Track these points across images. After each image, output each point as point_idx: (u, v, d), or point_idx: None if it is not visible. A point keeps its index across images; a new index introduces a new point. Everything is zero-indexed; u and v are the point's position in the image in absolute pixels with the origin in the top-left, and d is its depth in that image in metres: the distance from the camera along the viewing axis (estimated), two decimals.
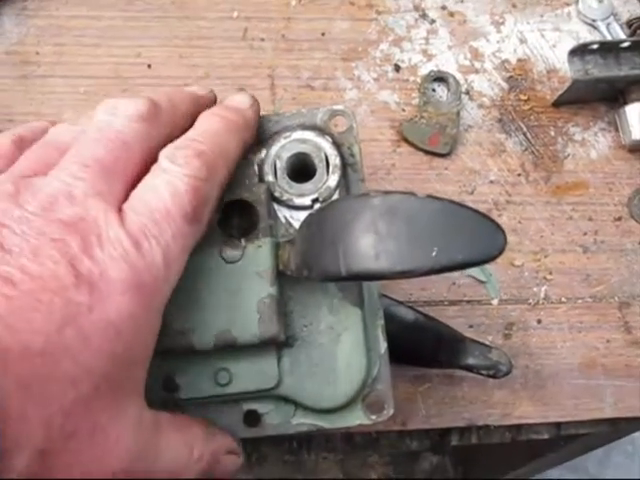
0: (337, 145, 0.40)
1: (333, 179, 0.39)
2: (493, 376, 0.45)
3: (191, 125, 0.37)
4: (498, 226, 0.30)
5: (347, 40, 0.58)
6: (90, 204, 0.30)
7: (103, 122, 0.34)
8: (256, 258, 0.36)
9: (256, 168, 0.39)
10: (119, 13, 0.56)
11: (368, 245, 0.30)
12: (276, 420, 0.38)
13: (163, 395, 0.36)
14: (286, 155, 0.39)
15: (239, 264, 0.36)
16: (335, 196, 0.39)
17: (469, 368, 0.46)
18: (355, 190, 0.40)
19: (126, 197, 0.32)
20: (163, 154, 0.33)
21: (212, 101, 0.41)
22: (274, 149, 0.40)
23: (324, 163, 0.39)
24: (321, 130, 0.40)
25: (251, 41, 0.56)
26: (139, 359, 0.31)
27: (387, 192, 0.31)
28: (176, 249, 0.31)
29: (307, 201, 0.39)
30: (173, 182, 0.32)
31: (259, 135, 0.40)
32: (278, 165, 0.39)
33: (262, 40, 0.56)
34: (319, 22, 0.58)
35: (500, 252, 0.29)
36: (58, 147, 0.35)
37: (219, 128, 0.36)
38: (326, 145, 0.40)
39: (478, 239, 0.29)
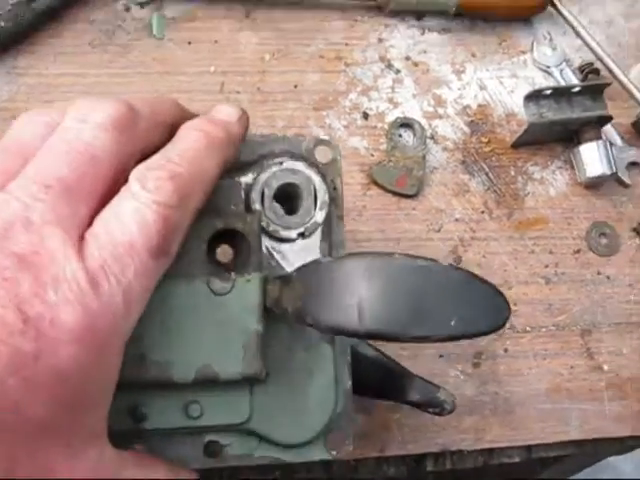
0: (325, 179, 0.39)
1: (320, 215, 0.39)
2: (438, 414, 0.47)
3: (172, 137, 0.34)
4: (506, 300, 0.32)
5: (318, 91, 0.62)
6: (48, 232, 0.28)
7: (71, 131, 0.31)
8: (245, 292, 0.35)
9: (242, 194, 0.38)
10: (104, 70, 0.59)
11: (390, 307, 0.30)
12: (238, 452, 0.37)
13: (128, 424, 0.35)
14: (276, 184, 0.38)
15: (227, 297, 0.34)
16: (318, 232, 0.39)
17: (415, 404, 0.47)
18: (335, 227, 0.40)
19: (90, 221, 0.30)
20: (134, 175, 0.31)
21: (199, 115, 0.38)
22: (264, 176, 0.39)
23: (312, 197, 0.39)
24: (308, 160, 0.40)
25: (228, 94, 0.60)
26: (93, 404, 0.29)
27: (409, 255, 0.31)
28: (138, 287, 0.29)
29: (293, 234, 0.38)
30: (141, 211, 0.29)
31: (244, 154, 0.39)
32: (266, 193, 0.38)
33: (238, 93, 0.60)
34: (292, 75, 0.62)
35: (504, 324, 0.32)
36: (21, 151, 0.31)
37: (199, 146, 0.33)
38: (316, 179, 0.39)
39: (491, 312, 0.31)
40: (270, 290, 0.35)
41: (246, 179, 0.38)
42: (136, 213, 0.29)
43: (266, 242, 0.38)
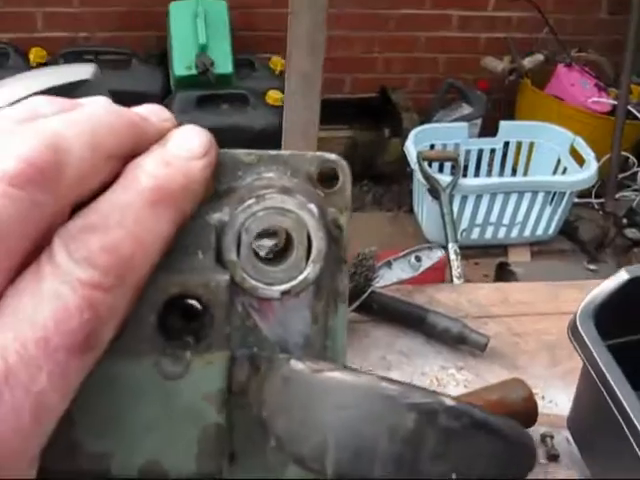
0: (324, 219, 0.29)
1: (313, 270, 0.29)
2: None
3: (118, 171, 0.26)
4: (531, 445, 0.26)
5: None
6: None
7: None
8: (203, 377, 0.28)
9: (213, 238, 0.29)
10: None
11: (367, 456, 0.24)
12: None
13: None
14: (256, 229, 0.29)
15: (180, 382, 0.28)
16: (310, 290, 0.30)
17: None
18: (333, 277, 0.31)
19: None
20: (59, 236, 0.24)
21: (163, 134, 0.29)
22: (241, 217, 0.29)
23: (304, 245, 0.29)
24: (303, 192, 0.30)
25: None
26: None
27: (403, 387, 0.25)
28: (54, 394, 0.23)
29: (275, 293, 0.29)
30: (62, 294, 0.23)
31: (222, 178, 0.30)
32: (244, 240, 0.29)
33: None
34: None
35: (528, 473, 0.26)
36: None
37: (147, 200, 0.25)
38: (311, 222, 0.29)
39: (505, 464, 0.26)
40: (236, 374, 0.29)
41: (220, 216, 0.29)
42: (55, 298, 0.23)
43: (242, 298, 0.30)
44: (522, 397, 0.79)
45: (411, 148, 2.50)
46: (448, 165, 2.66)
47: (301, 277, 0.29)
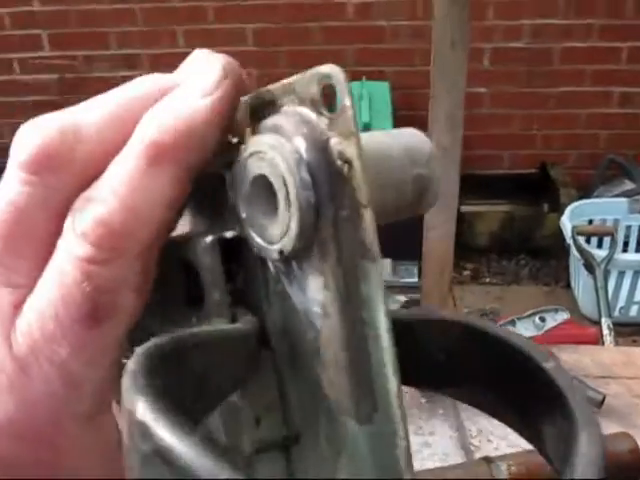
0: (317, 156, 0.23)
1: (293, 223, 0.23)
2: None
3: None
4: None
5: None
6: None
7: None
8: None
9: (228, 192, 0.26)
10: None
11: None
12: None
13: None
14: (246, 178, 0.25)
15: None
16: (316, 247, 0.24)
17: None
18: (354, 225, 0.23)
19: (35, 282, 0.24)
20: (70, 212, 0.24)
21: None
22: (238, 167, 0.25)
23: (284, 194, 0.23)
24: (296, 125, 0.23)
25: None
26: None
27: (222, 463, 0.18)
28: (77, 365, 0.24)
29: (275, 253, 0.24)
30: (65, 270, 0.24)
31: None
32: (242, 192, 0.25)
33: None
34: None
35: None
36: None
37: (141, 162, 0.23)
38: (282, 165, 0.23)
39: None
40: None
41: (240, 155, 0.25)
42: (60, 274, 0.24)
43: (274, 261, 0.25)
44: (628, 449, 0.83)
45: (567, 222, 2.51)
46: (607, 241, 2.64)
47: (288, 233, 0.24)
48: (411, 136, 0.27)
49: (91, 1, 2.95)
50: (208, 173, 0.25)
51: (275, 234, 0.24)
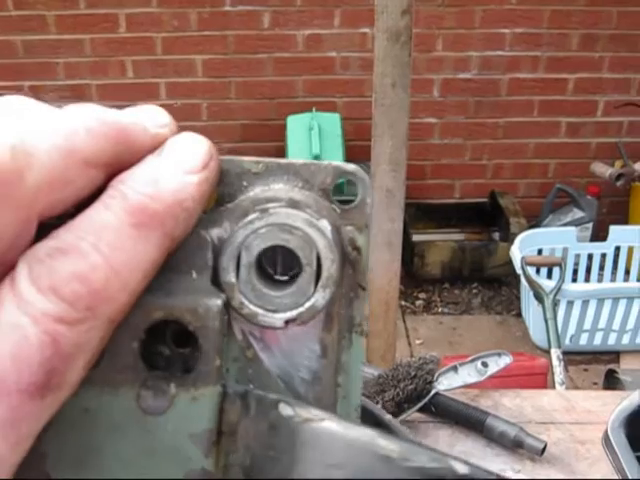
0: (337, 238, 0.26)
1: (322, 296, 0.25)
2: None
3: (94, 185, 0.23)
4: None
5: None
6: None
7: None
8: (189, 414, 0.25)
9: (210, 256, 0.25)
10: None
11: None
12: None
13: None
14: (258, 247, 0.25)
15: (163, 418, 0.25)
16: (319, 319, 0.26)
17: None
18: (352, 303, 0.27)
19: None
20: (23, 260, 0.21)
21: (160, 141, 0.25)
22: (242, 233, 0.25)
23: (313, 267, 0.25)
24: (318, 206, 0.26)
25: None
26: None
27: (412, 446, 0.21)
28: (3, 445, 0.20)
29: (278, 321, 0.26)
30: (22, 327, 0.20)
31: (225, 188, 0.26)
32: (244, 259, 0.25)
33: None
34: None
35: None
36: None
37: (130, 223, 0.22)
38: (321, 241, 0.25)
39: None
40: (228, 412, 0.25)
41: (220, 232, 0.26)
42: (14, 331, 0.20)
43: (242, 324, 0.26)
44: None
45: (516, 253, 2.53)
46: (557, 270, 2.67)
47: (308, 304, 0.25)
48: None
49: (39, 31, 2.92)
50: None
51: (285, 303, 0.25)
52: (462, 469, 0.20)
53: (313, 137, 2.79)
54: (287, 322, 0.25)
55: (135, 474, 0.25)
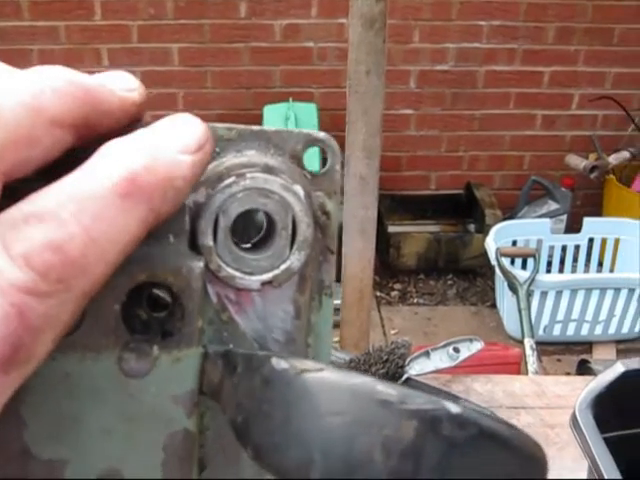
0: (309, 203, 0.26)
1: (298, 258, 0.26)
2: None
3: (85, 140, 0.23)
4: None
5: None
6: None
7: None
8: (171, 376, 0.25)
9: (187, 220, 0.25)
10: None
11: (366, 463, 0.21)
12: None
13: None
14: (236, 211, 0.26)
15: (145, 381, 0.25)
16: (293, 282, 0.27)
17: None
18: (321, 266, 0.28)
19: None
20: None
21: (127, 104, 0.24)
22: (219, 197, 0.26)
23: (288, 231, 0.26)
24: (290, 172, 0.26)
25: None
26: None
27: (408, 391, 0.21)
28: None
29: (255, 283, 0.26)
30: None
31: None
32: (221, 223, 0.26)
33: None
34: None
35: None
36: None
37: (114, 192, 0.21)
38: (297, 205, 0.26)
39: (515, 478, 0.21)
40: (209, 373, 0.25)
41: (196, 196, 0.26)
42: None
43: (218, 288, 0.27)
44: None
45: (491, 244, 2.54)
46: (531, 261, 2.69)
47: (284, 266, 0.26)
48: None
49: (12, 17, 2.88)
50: None
51: (261, 266, 0.26)
52: (455, 409, 0.21)
53: (289, 127, 2.78)
54: (263, 284, 0.26)
55: (116, 441, 0.25)
